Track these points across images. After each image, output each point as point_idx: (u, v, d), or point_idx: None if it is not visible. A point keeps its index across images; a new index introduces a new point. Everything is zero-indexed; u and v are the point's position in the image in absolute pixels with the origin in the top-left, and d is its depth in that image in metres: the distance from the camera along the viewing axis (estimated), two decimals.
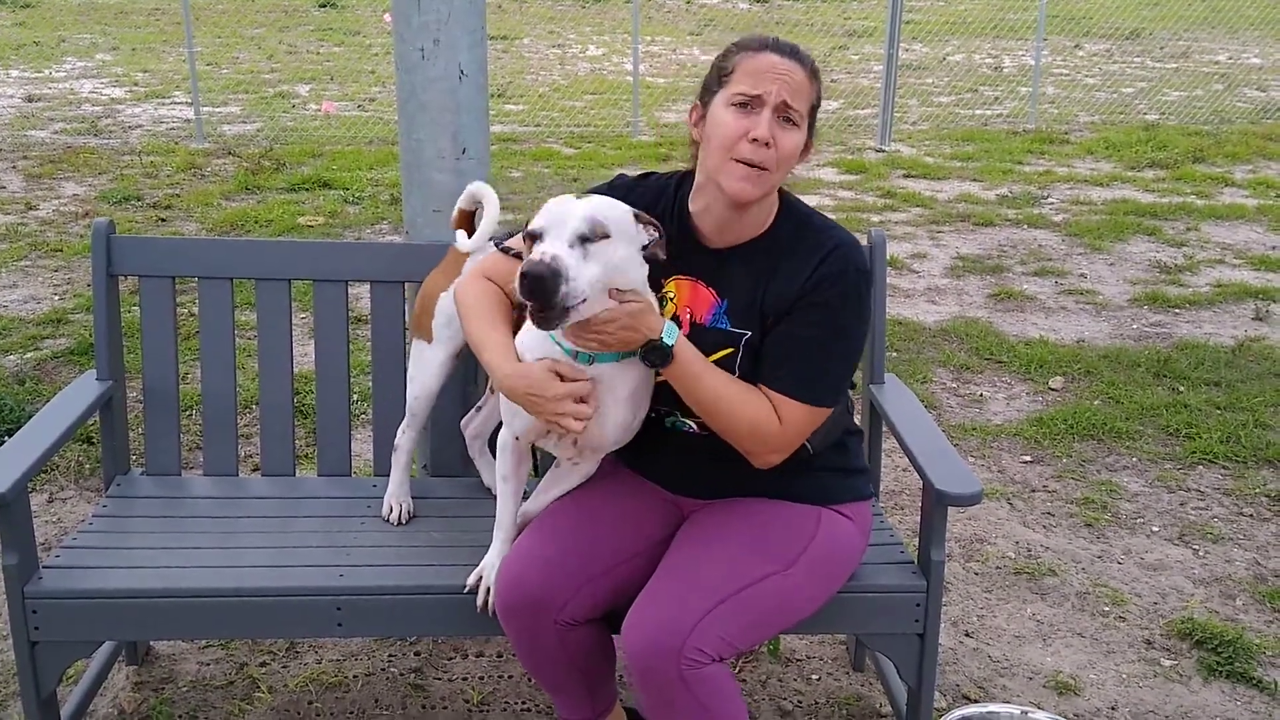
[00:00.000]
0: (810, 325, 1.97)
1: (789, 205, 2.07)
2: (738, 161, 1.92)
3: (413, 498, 2.48)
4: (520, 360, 1.98)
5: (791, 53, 1.96)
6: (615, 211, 1.87)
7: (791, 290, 1.98)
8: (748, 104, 1.92)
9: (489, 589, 2.11)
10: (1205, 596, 3.08)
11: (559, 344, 1.95)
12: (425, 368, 2.40)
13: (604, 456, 2.21)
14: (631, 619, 1.93)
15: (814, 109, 1.99)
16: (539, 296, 1.74)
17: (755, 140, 1.90)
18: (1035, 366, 4.59)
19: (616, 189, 2.10)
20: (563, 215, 1.81)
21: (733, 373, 2.01)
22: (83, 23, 15.67)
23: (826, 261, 1.97)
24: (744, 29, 15.44)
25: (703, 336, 2.02)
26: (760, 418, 1.96)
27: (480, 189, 2.38)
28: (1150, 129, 9.59)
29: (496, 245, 2.14)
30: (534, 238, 1.81)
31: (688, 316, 2.04)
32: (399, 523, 2.43)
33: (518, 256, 2.06)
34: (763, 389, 1.99)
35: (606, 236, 1.82)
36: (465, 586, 2.14)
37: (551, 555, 2.04)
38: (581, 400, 1.92)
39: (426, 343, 2.40)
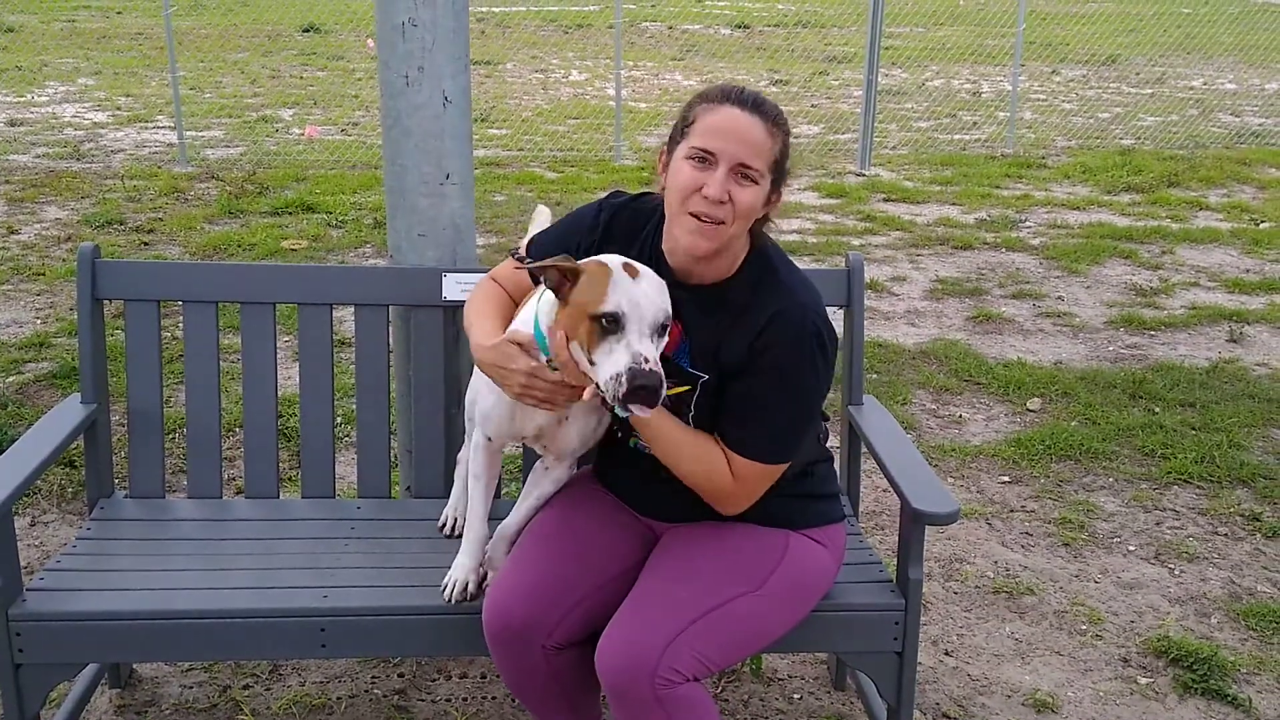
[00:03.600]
0: (765, 387, 1.98)
1: (759, 252, 2.06)
2: (691, 215, 1.93)
3: (395, 520, 2.49)
4: None
5: (754, 106, 1.93)
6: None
7: (743, 347, 1.99)
8: (704, 159, 1.92)
9: (465, 584, 2.18)
10: (1181, 615, 3.12)
11: (543, 349, 2.00)
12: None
13: (580, 481, 2.24)
14: (605, 642, 1.95)
15: (778, 161, 1.97)
16: (651, 402, 1.82)
17: (708, 197, 1.90)
18: (1013, 388, 4.64)
19: (606, 207, 2.16)
20: (641, 308, 1.84)
21: (689, 409, 2.04)
22: (65, 47, 15.65)
23: (774, 324, 1.97)
24: (726, 54, 15.57)
25: (665, 366, 2.03)
26: (715, 470, 2.02)
27: (538, 209, 2.63)
28: (1126, 154, 9.70)
29: (511, 254, 2.22)
30: (611, 321, 1.83)
31: None
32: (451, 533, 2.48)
33: (521, 261, 2.16)
34: (719, 443, 2.03)
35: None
36: (441, 588, 2.20)
37: (535, 582, 2.06)
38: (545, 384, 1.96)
39: None
